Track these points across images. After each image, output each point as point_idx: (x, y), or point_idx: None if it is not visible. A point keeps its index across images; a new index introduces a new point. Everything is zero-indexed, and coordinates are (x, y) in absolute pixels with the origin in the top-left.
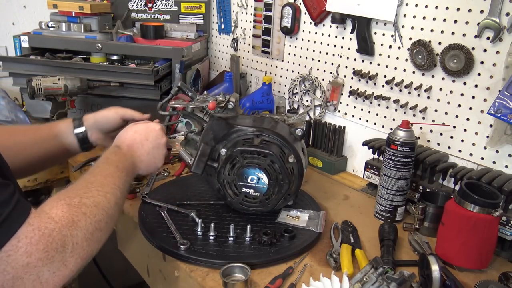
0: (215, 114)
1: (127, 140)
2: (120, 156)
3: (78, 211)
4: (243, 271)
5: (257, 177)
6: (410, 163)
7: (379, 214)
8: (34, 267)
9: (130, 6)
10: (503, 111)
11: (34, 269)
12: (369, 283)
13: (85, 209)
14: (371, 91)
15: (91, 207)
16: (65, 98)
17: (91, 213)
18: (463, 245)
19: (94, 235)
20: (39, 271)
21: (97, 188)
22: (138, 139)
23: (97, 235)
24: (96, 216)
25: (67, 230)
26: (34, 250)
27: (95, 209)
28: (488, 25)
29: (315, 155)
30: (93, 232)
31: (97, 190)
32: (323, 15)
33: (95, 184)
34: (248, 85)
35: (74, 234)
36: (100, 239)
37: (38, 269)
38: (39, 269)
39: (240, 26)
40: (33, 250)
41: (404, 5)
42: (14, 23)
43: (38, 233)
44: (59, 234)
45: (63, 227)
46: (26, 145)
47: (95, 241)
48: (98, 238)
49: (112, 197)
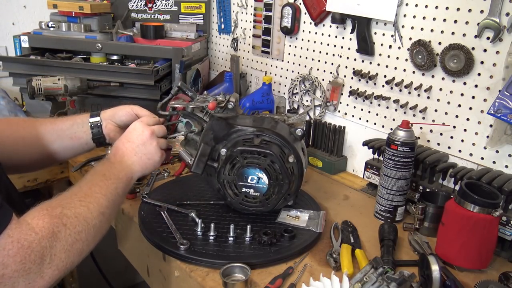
0: (215, 114)
1: (113, 150)
2: (108, 165)
3: (59, 222)
4: (243, 271)
5: (257, 177)
6: (410, 163)
7: (379, 214)
8: (9, 278)
9: (130, 6)
10: (503, 111)
11: (9, 279)
12: (369, 283)
13: (65, 220)
14: (371, 91)
15: (71, 218)
16: (65, 98)
17: (71, 224)
18: (463, 245)
19: (74, 246)
20: (14, 281)
21: (80, 198)
22: (120, 144)
23: (77, 247)
24: (76, 227)
25: (47, 241)
26: (11, 262)
27: (75, 220)
28: (488, 25)
29: (315, 155)
30: (73, 244)
31: (80, 201)
32: (323, 15)
33: (79, 194)
34: (248, 85)
35: (53, 245)
36: (81, 250)
37: (14, 280)
38: (14, 280)
39: (240, 26)
40: (10, 262)
41: (404, 5)
42: (14, 23)
43: (17, 245)
44: (38, 245)
45: (43, 238)
46: (44, 136)
47: (75, 253)
48: (78, 250)
49: (96, 207)
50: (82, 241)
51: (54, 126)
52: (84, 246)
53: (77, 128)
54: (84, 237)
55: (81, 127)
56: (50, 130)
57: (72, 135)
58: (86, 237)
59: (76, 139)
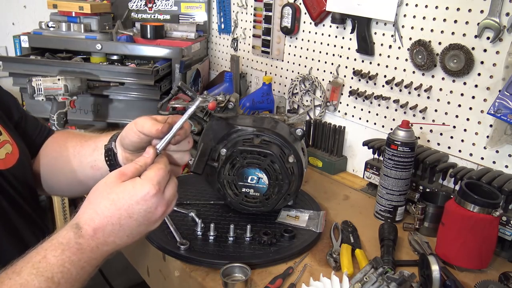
0: (215, 114)
1: (97, 218)
2: (73, 252)
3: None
4: (243, 271)
5: (257, 177)
6: (410, 163)
7: (379, 214)
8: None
9: (130, 6)
10: (503, 111)
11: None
12: (369, 283)
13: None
14: (371, 91)
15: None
16: (65, 98)
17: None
18: (463, 245)
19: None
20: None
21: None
22: (115, 218)
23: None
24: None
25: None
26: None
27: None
28: (488, 25)
29: (315, 155)
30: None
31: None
32: (323, 15)
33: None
34: (248, 85)
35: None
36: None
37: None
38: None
39: (240, 26)
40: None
41: (404, 5)
42: (14, 23)
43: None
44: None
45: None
46: (71, 161)
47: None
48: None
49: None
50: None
51: (81, 149)
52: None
53: (97, 156)
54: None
55: (101, 154)
56: (76, 154)
57: (93, 164)
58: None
59: (97, 169)
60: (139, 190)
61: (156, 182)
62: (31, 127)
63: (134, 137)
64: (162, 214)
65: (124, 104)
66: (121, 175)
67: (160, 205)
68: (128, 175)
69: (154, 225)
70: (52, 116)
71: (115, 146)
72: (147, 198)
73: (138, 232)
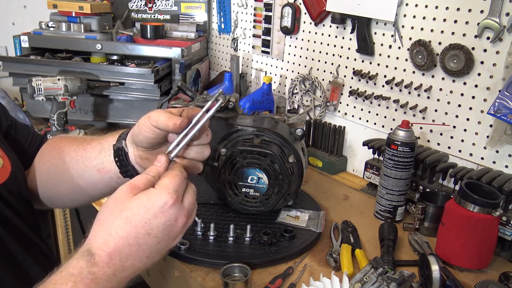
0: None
1: (111, 241)
2: (87, 283)
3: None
4: (243, 271)
5: (257, 177)
6: (410, 163)
7: (379, 214)
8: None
9: (130, 6)
10: (503, 111)
11: None
12: (369, 283)
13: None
14: (371, 91)
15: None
16: (65, 98)
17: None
18: (463, 245)
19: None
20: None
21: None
22: (131, 238)
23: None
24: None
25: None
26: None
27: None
28: (488, 25)
29: (315, 155)
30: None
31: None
32: (323, 15)
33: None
34: (248, 85)
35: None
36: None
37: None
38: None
39: (240, 26)
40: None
41: (404, 5)
42: (14, 23)
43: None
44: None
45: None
46: (72, 166)
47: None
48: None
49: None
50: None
51: (84, 153)
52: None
53: (104, 158)
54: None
55: (109, 155)
56: (79, 158)
57: (100, 167)
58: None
59: (105, 172)
60: (155, 202)
61: (172, 190)
62: (22, 135)
63: (148, 133)
64: (183, 226)
65: (124, 104)
66: (132, 188)
67: (180, 216)
68: (140, 187)
69: (175, 241)
70: (52, 116)
71: (125, 145)
72: (165, 210)
73: (158, 250)
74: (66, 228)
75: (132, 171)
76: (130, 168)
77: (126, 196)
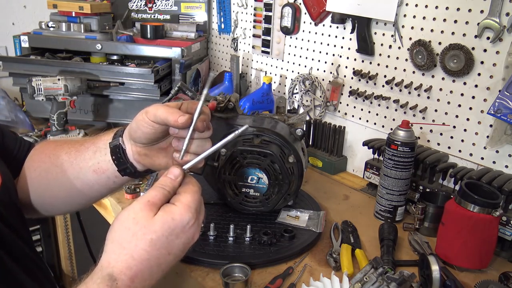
0: (215, 114)
1: (133, 265)
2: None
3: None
4: (243, 271)
5: (257, 177)
6: (410, 163)
7: (379, 214)
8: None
9: (130, 6)
10: (503, 111)
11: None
12: (369, 283)
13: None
14: (371, 91)
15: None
16: (65, 98)
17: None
18: (463, 245)
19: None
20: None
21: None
22: (153, 260)
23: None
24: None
25: None
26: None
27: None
28: (488, 25)
29: (315, 155)
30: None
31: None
32: (323, 15)
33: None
34: (248, 85)
35: None
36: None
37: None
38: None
39: (240, 26)
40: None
41: (404, 5)
42: (14, 23)
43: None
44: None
45: None
46: (67, 168)
47: None
48: None
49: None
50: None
51: (77, 154)
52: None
53: (99, 157)
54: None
55: (104, 155)
56: (73, 160)
57: (96, 168)
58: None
59: (101, 172)
60: (179, 222)
61: (194, 209)
62: (10, 142)
63: (147, 128)
64: (195, 240)
65: (124, 104)
66: (151, 206)
67: (197, 233)
68: (158, 205)
69: (183, 254)
70: (52, 116)
71: (122, 142)
72: (186, 230)
73: (171, 265)
74: (66, 228)
75: (131, 168)
76: (128, 165)
77: (147, 216)
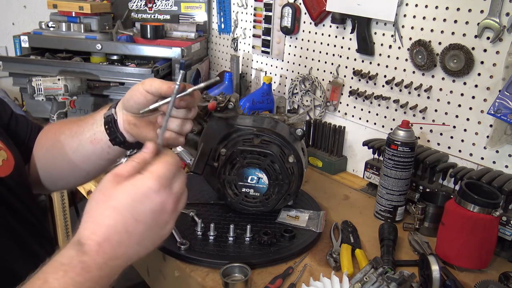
0: (215, 114)
1: (99, 230)
2: (77, 272)
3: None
4: (243, 271)
5: (257, 177)
6: (410, 163)
7: (379, 214)
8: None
9: (130, 6)
10: (503, 111)
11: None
12: (369, 283)
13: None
14: (371, 91)
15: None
16: (65, 98)
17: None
18: (463, 245)
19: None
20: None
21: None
22: (120, 225)
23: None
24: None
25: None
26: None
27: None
28: (488, 25)
29: (315, 155)
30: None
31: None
32: (323, 15)
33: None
34: (248, 85)
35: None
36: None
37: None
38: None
39: (240, 26)
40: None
41: (404, 5)
42: (14, 23)
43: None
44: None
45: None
46: (67, 142)
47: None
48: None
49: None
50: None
51: (78, 128)
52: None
53: (96, 128)
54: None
55: (100, 125)
56: (74, 134)
57: (92, 138)
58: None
59: (96, 142)
60: (139, 187)
61: (158, 175)
62: (22, 128)
63: (139, 98)
64: (172, 212)
65: None
66: (115, 177)
67: (168, 202)
68: (124, 175)
69: (166, 228)
70: (52, 116)
71: (115, 112)
72: (150, 195)
73: (149, 237)
74: (66, 228)
75: (121, 137)
76: (118, 134)
77: (111, 186)
